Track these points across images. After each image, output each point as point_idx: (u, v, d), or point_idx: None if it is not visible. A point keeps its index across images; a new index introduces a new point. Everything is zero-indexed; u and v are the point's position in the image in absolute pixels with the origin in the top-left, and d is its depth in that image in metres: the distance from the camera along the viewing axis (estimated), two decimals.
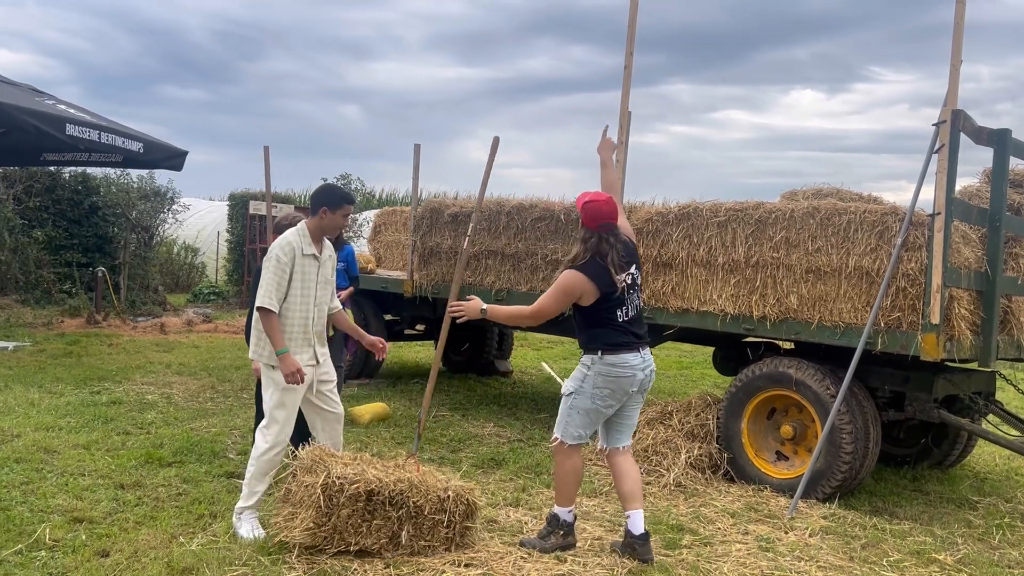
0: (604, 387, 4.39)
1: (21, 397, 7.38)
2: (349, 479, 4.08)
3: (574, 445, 4.54)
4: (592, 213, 4.38)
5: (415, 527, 4.17)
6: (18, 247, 13.66)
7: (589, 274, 4.34)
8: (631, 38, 6.70)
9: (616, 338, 4.40)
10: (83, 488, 4.99)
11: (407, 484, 4.17)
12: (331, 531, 4.05)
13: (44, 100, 9.75)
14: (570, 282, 4.35)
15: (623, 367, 4.38)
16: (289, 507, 4.20)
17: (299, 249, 4.50)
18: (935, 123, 5.34)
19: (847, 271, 5.65)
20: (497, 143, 5.25)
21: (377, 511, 4.11)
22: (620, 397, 4.43)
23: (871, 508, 5.68)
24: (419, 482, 4.22)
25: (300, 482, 4.20)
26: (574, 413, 4.48)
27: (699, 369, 11.77)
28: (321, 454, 4.30)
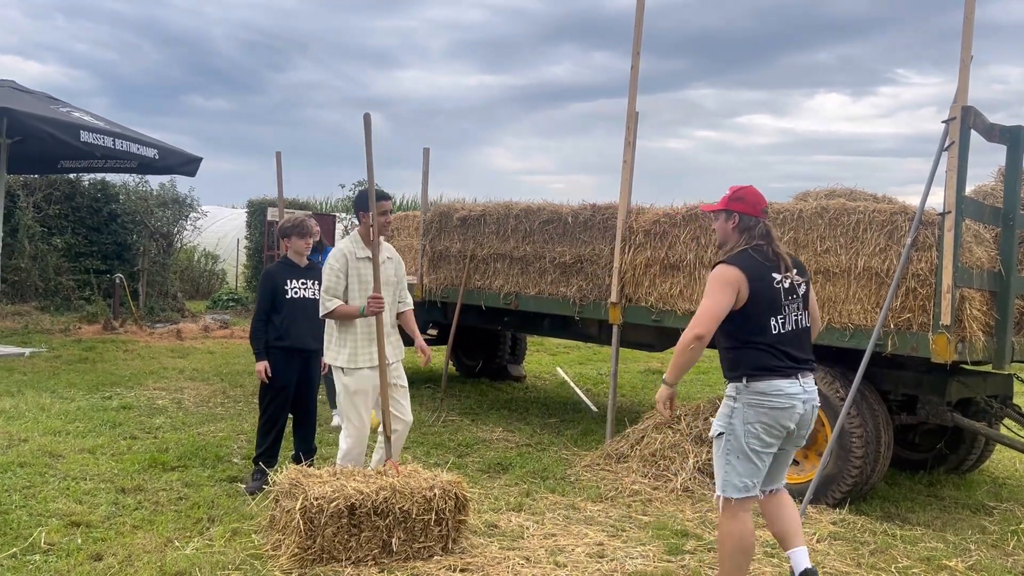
0: (756, 422, 3.61)
1: (32, 402, 7.43)
2: (327, 497, 4.01)
3: (741, 500, 3.70)
4: (753, 198, 3.75)
5: (406, 532, 4.12)
6: (38, 254, 13.81)
7: (742, 266, 3.62)
8: (637, 38, 6.64)
9: (766, 360, 3.60)
10: (84, 492, 4.99)
11: (389, 490, 4.10)
12: (319, 552, 4.00)
13: (59, 108, 9.86)
14: (725, 274, 3.60)
15: (777, 396, 3.58)
16: (276, 534, 4.16)
17: (351, 254, 4.77)
18: (944, 120, 5.23)
19: (856, 272, 5.54)
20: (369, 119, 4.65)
21: (363, 523, 4.05)
22: (778, 434, 3.64)
23: (883, 514, 5.56)
24: (402, 486, 4.16)
25: (281, 508, 4.15)
26: (731, 459, 3.66)
27: (716, 374, 11.63)
28: (298, 476, 4.24)
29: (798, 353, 3.67)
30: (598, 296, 6.96)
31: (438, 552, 4.20)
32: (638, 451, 6.26)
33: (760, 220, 3.74)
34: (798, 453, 5.92)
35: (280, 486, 4.23)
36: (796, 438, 3.73)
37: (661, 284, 6.49)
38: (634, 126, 6.68)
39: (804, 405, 3.64)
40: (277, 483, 4.26)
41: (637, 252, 6.59)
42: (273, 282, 5.42)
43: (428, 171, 8.65)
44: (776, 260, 3.68)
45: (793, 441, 3.74)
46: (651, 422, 6.51)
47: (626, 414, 7.92)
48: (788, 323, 3.66)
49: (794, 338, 3.68)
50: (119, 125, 10.35)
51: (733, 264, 3.63)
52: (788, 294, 3.67)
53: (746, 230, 3.73)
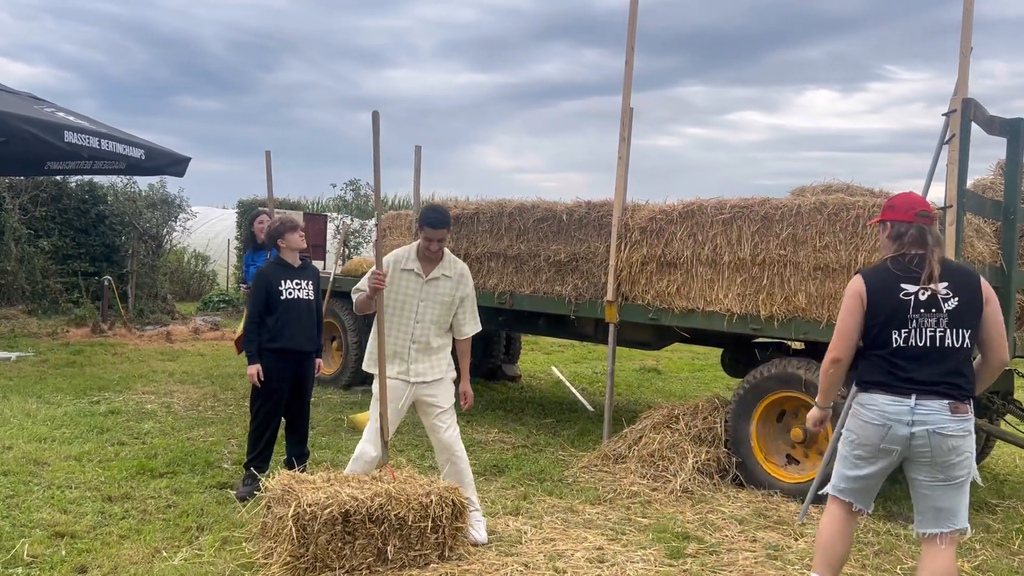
0: (852, 431, 3.53)
1: (18, 408, 7.28)
2: (321, 504, 3.88)
3: (835, 498, 3.66)
4: (905, 203, 3.54)
5: (401, 539, 4.00)
6: (24, 257, 13.63)
7: (866, 277, 3.51)
8: (631, 34, 6.54)
9: (875, 373, 3.44)
10: (69, 501, 4.86)
11: (385, 496, 3.98)
12: (312, 560, 3.86)
13: (43, 108, 9.70)
14: (848, 287, 3.54)
15: (871, 412, 3.42)
16: (267, 541, 4.03)
17: (399, 262, 4.63)
18: (945, 113, 5.14)
19: (857, 267, 5.44)
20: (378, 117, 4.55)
21: (358, 530, 3.92)
22: (870, 451, 3.47)
23: (884, 513, 5.47)
24: (397, 492, 4.04)
25: (274, 514, 4.02)
26: (840, 456, 3.65)
27: (712, 371, 11.56)
28: (291, 482, 4.10)
29: (924, 372, 3.35)
30: (594, 294, 6.86)
31: (434, 560, 4.09)
32: (636, 451, 6.17)
33: (912, 225, 3.49)
34: (798, 452, 5.88)
35: (272, 492, 4.09)
36: (923, 466, 3.40)
37: (658, 282, 6.38)
38: (629, 122, 6.58)
39: (910, 428, 3.33)
40: (269, 489, 4.13)
41: (633, 250, 6.49)
42: (267, 282, 5.29)
43: (420, 169, 8.52)
44: (918, 270, 3.42)
45: (925, 471, 3.40)
46: (648, 422, 6.41)
47: (623, 414, 7.82)
48: (918, 338, 3.37)
49: (923, 355, 3.36)
50: (105, 125, 10.19)
51: (859, 275, 3.56)
52: (922, 307, 3.38)
53: (897, 238, 3.53)
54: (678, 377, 11.21)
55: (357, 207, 22.03)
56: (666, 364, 12.08)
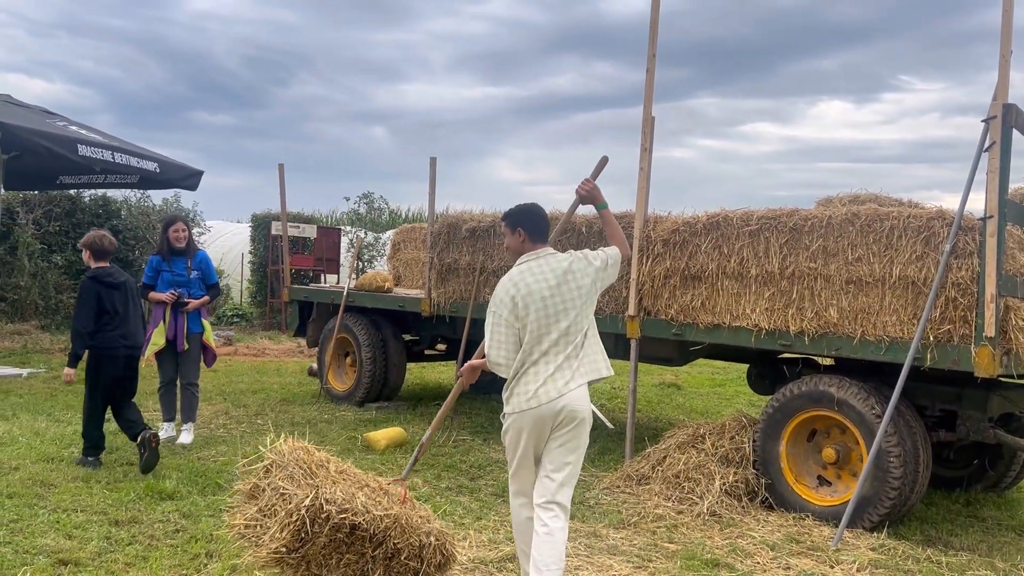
0: None
1: (27, 426, 7.14)
2: (339, 505, 3.53)
3: None
4: None
5: (386, 570, 3.66)
6: (38, 272, 13.55)
7: None
8: (653, 42, 6.37)
9: None
10: (75, 525, 4.68)
11: (392, 521, 3.64)
12: (300, 559, 3.52)
13: (56, 122, 9.62)
14: None
15: None
16: (256, 510, 3.61)
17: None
18: (984, 119, 4.93)
19: (891, 281, 5.23)
20: (605, 162, 4.36)
21: (355, 545, 3.60)
22: None
23: (923, 538, 5.23)
24: (405, 521, 3.69)
25: (276, 486, 3.60)
26: None
27: (733, 387, 11.32)
28: (308, 459, 3.72)
29: None
30: (615, 309, 6.66)
31: None
32: (660, 472, 5.95)
33: None
34: (830, 473, 5.65)
35: (280, 457, 3.67)
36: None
37: (682, 296, 6.18)
38: (650, 132, 6.39)
39: None
40: (276, 450, 3.71)
41: (656, 262, 6.29)
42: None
43: (436, 181, 8.37)
44: None
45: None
46: (673, 441, 6.20)
47: (644, 431, 7.60)
48: None
49: None
50: (118, 139, 10.11)
51: None
52: None
53: None
54: (699, 393, 10.97)
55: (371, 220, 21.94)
56: (686, 379, 11.84)
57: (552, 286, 3.72)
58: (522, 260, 3.84)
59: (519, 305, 3.68)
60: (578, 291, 3.75)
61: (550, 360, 3.67)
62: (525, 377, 3.67)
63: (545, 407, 3.62)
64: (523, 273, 3.76)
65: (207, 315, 7.27)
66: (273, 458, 3.68)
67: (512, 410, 3.69)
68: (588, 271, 3.82)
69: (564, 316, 3.70)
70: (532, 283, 3.72)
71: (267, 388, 9.80)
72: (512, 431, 3.72)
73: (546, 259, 3.82)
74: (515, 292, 3.70)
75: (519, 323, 3.69)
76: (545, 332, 3.68)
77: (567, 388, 3.64)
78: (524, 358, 3.68)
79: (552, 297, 3.70)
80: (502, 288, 3.77)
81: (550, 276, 3.74)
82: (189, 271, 6.97)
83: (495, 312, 3.74)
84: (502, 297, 3.74)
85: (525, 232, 3.86)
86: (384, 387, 8.96)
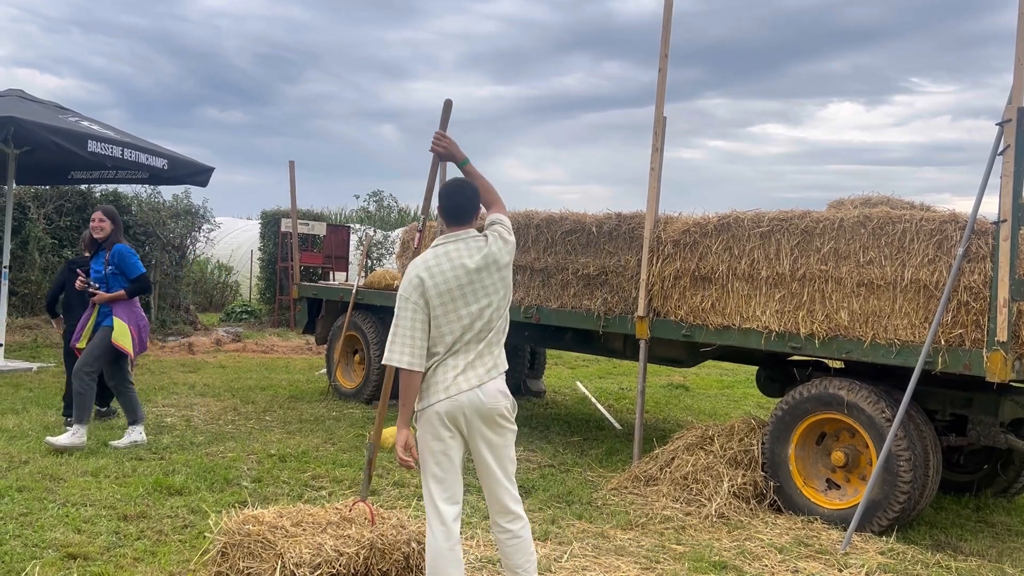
0: None
1: (36, 421, 7.17)
2: (309, 564, 3.32)
3: None
4: None
5: None
6: (48, 267, 13.58)
7: None
8: (665, 41, 6.35)
9: None
10: (84, 520, 4.70)
11: (368, 551, 3.51)
12: None
13: (67, 117, 9.64)
14: None
15: None
16: None
17: None
18: (999, 122, 4.90)
19: (903, 284, 5.20)
20: (450, 106, 4.16)
21: None
22: None
23: (933, 542, 5.21)
24: (381, 544, 3.57)
25: (239, 569, 3.42)
26: None
27: (741, 388, 11.29)
28: (258, 529, 3.51)
29: None
30: (624, 309, 6.64)
31: None
32: (668, 473, 5.93)
33: None
34: (839, 476, 5.62)
35: (231, 536, 3.50)
36: None
37: (692, 297, 6.16)
38: (662, 131, 6.38)
39: None
40: (224, 531, 3.55)
41: (666, 263, 6.27)
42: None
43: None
44: None
45: None
46: (681, 442, 6.18)
47: (652, 432, 7.58)
48: None
49: None
50: (128, 135, 10.12)
51: None
52: None
53: None
54: (707, 394, 10.94)
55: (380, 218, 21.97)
56: (694, 380, 11.81)
57: (471, 270, 3.38)
58: (438, 242, 3.48)
59: (430, 291, 3.35)
60: (499, 274, 3.45)
61: (468, 348, 3.38)
62: (442, 367, 3.36)
63: (464, 396, 3.32)
64: (438, 257, 3.41)
65: (125, 314, 6.57)
66: (224, 540, 3.55)
67: (427, 404, 3.36)
68: (505, 249, 3.48)
69: (485, 302, 3.40)
70: (448, 268, 3.38)
71: (275, 385, 9.82)
72: (428, 429, 3.37)
73: (465, 242, 3.46)
74: (426, 276, 3.36)
75: (428, 310, 3.36)
76: (462, 319, 3.37)
77: (488, 377, 3.38)
78: (440, 347, 3.37)
79: (471, 284, 3.38)
80: (412, 271, 3.41)
81: (468, 261, 3.39)
82: (106, 265, 6.57)
83: (404, 297, 3.38)
84: (412, 280, 3.38)
85: (441, 213, 3.51)
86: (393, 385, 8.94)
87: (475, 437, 3.39)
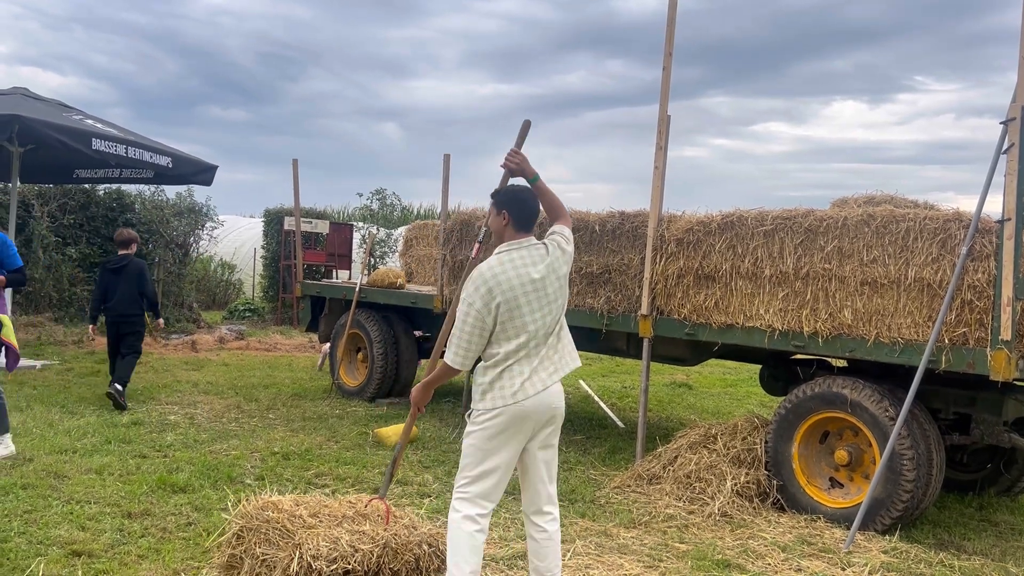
0: None
1: (40, 418, 7.18)
2: (326, 558, 3.34)
3: None
4: None
5: None
6: (52, 265, 13.61)
7: None
8: (669, 39, 6.34)
9: None
10: (88, 517, 4.71)
11: (382, 549, 3.52)
12: None
13: (71, 115, 9.66)
14: None
15: None
16: None
17: None
18: (1003, 121, 4.90)
19: (906, 283, 5.20)
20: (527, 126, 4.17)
21: None
22: None
23: (936, 541, 5.21)
24: (395, 543, 3.59)
25: (255, 554, 3.46)
26: None
27: (744, 387, 11.28)
28: (278, 516, 3.55)
29: None
30: (627, 308, 6.64)
31: None
32: (671, 472, 5.93)
33: None
34: (842, 475, 5.62)
35: (248, 520, 3.54)
36: None
37: (695, 296, 6.16)
38: (666, 130, 6.37)
39: None
40: (242, 514, 3.59)
41: (669, 262, 6.27)
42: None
43: (449, 178, 8.37)
44: None
45: None
46: (684, 441, 6.18)
47: (655, 431, 7.59)
48: None
49: None
50: (133, 133, 10.14)
51: None
52: None
53: None
54: (710, 393, 10.94)
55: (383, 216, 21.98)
56: (697, 379, 11.81)
57: (536, 280, 3.50)
58: (502, 249, 3.58)
59: (496, 301, 3.44)
60: (559, 283, 3.59)
61: (532, 354, 3.49)
62: (509, 372, 3.46)
63: (531, 401, 3.44)
64: (503, 264, 3.51)
65: (4, 307, 6.25)
66: (241, 523, 3.57)
67: (493, 405, 3.45)
68: (563, 259, 3.64)
69: (547, 309, 3.53)
70: (513, 276, 3.48)
71: (278, 383, 9.83)
72: (490, 429, 3.47)
73: (528, 250, 3.58)
74: (494, 285, 3.45)
75: (491, 317, 3.45)
76: (527, 326, 3.48)
77: (551, 381, 3.51)
78: (506, 352, 3.46)
79: (536, 291, 3.49)
80: (480, 278, 3.48)
81: (532, 270, 3.52)
82: None
83: (470, 303, 3.46)
84: (479, 288, 3.46)
85: (511, 217, 3.60)
86: (395, 383, 8.97)
87: (533, 438, 3.56)
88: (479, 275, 3.49)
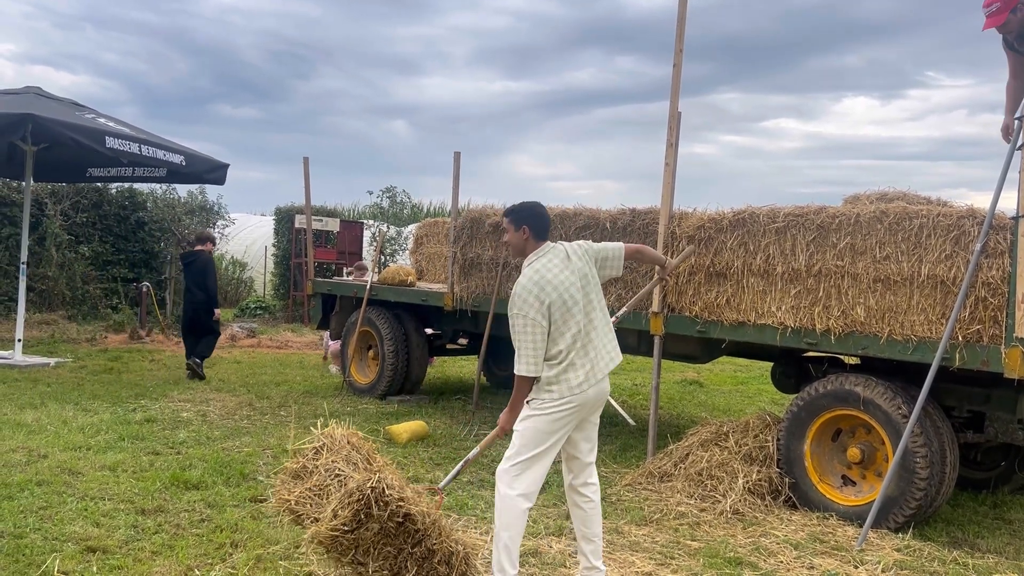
0: None
1: (55, 415, 7.23)
2: (397, 494, 3.49)
3: None
4: None
5: (419, 570, 3.64)
6: (65, 263, 13.70)
7: None
8: (680, 36, 6.33)
9: None
10: (102, 513, 4.74)
11: (431, 523, 3.66)
12: (352, 542, 3.51)
13: (84, 114, 9.70)
14: None
15: None
16: (304, 489, 3.63)
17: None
18: (1017, 116, 4.87)
19: (919, 280, 5.17)
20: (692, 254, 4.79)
21: (398, 538, 3.58)
22: None
23: (949, 539, 5.18)
24: (443, 525, 3.73)
25: (330, 468, 3.63)
26: None
27: (755, 384, 11.26)
28: (362, 444, 3.77)
29: None
30: (638, 305, 6.63)
31: None
32: (683, 469, 5.93)
33: None
34: (854, 473, 5.60)
35: (332, 442, 3.71)
36: None
37: (706, 293, 6.15)
38: (677, 126, 6.36)
39: None
40: (328, 434, 3.76)
41: None
42: None
43: (459, 176, 8.37)
44: None
45: None
46: (696, 439, 6.17)
47: (666, 428, 7.58)
48: None
49: None
50: (145, 131, 10.18)
51: None
52: None
53: None
54: (721, 390, 10.92)
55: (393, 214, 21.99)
56: (708, 376, 11.79)
57: (570, 278, 3.86)
58: (533, 259, 3.93)
59: (546, 303, 3.75)
60: (591, 277, 3.97)
61: (587, 345, 3.84)
62: (571, 368, 3.78)
63: (593, 388, 3.82)
64: (540, 272, 3.83)
65: None
66: (324, 441, 3.75)
67: (560, 395, 3.76)
68: (585, 258, 4.01)
69: (587, 302, 3.89)
70: (552, 279, 3.81)
71: (290, 380, 9.86)
72: (556, 413, 3.78)
73: (554, 252, 3.94)
74: (539, 292, 3.76)
75: (547, 319, 3.75)
76: (578, 324, 3.82)
77: (607, 368, 3.90)
78: (565, 347, 3.77)
79: (572, 287, 3.84)
80: (525, 291, 3.78)
81: (565, 269, 3.88)
82: None
83: (524, 315, 3.76)
84: (527, 299, 3.76)
85: (531, 230, 3.97)
86: (406, 380, 8.98)
87: (586, 418, 3.94)
88: (523, 289, 3.80)
